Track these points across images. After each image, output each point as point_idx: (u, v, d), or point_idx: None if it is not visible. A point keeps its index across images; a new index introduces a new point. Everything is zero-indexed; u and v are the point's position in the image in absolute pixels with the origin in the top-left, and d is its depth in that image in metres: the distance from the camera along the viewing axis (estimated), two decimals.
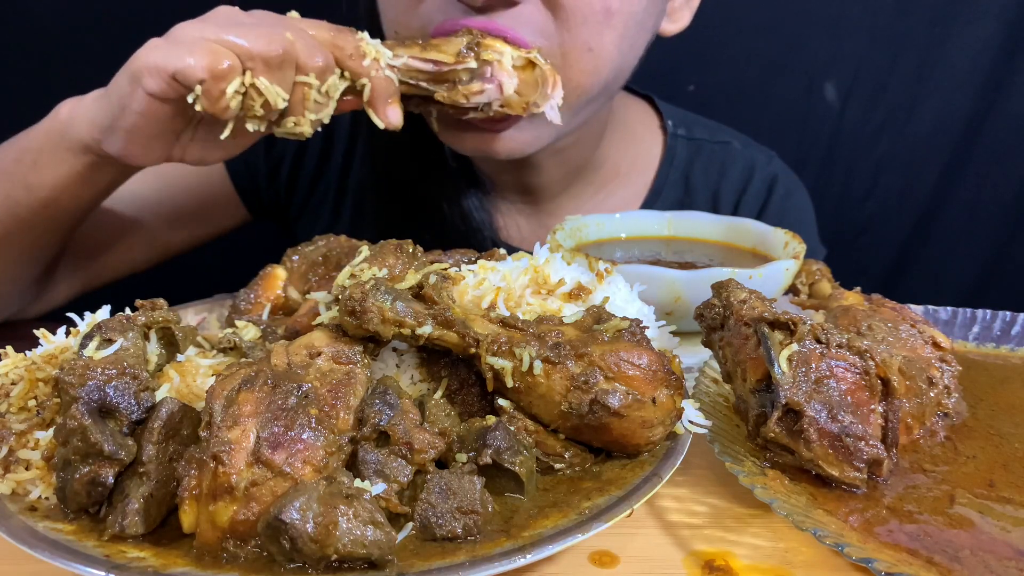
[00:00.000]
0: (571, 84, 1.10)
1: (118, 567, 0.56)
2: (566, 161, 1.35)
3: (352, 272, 0.74)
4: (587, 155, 1.39)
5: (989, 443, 0.78)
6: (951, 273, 2.06)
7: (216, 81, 0.86)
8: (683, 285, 0.97)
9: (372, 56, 0.94)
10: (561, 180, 1.39)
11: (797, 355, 0.70)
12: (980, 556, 0.61)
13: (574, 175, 1.40)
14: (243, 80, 0.87)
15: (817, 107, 1.96)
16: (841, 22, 1.90)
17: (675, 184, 1.48)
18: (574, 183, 1.42)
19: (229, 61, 0.86)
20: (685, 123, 1.53)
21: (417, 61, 0.99)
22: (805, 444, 0.68)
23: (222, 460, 0.58)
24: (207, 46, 0.86)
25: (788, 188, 1.54)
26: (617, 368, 0.68)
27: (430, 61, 1.00)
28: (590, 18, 1.07)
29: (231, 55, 0.87)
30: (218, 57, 0.86)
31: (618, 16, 1.09)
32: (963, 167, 1.98)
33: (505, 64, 1.02)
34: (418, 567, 0.57)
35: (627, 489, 0.66)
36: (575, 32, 1.07)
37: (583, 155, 1.38)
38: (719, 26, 1.80)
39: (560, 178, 1.39)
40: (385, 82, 0.95)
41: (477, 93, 1.02)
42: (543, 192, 1.40)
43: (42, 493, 0.66)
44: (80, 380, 0.63)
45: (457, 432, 0.67)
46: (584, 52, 1.09)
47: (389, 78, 0.96)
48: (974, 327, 1.03)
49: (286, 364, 0.66)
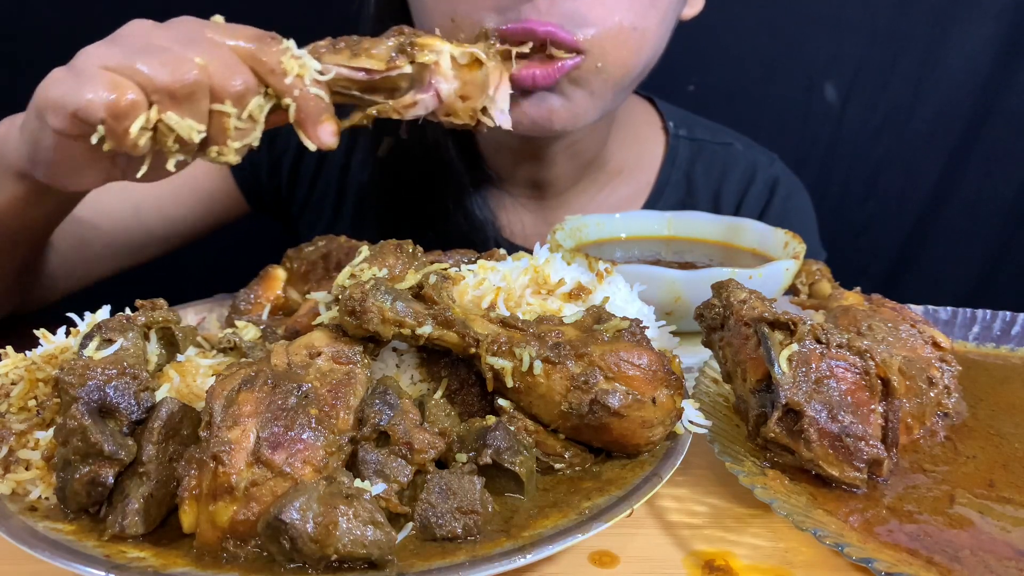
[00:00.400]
0: (618, 63, 1.11)
1: (118, 567, 0.56)
2: (578, 154, 1.36)
3: (352, 272, 0.74)
4: (596, 150, 1.40)
5: (989, 443, 0.78)
6: (951, 273, 2.06)
7: (118, 120, 0.77)
8: (683, 285, 0.97)
9: (295, 72, 0.83)
10: (570, 175, 1.40)
11: (797, 355, 0.70)
12: (980, 556, 0.61)
13: (582, 171, 1.41)
14: (149, 116, 0.78)
15: (817, 107, 1.96)
16: (841, 22, 1.90)
17: (677, 184, 1.49)
18: (581, 179, 1.43)
19: (132, 95, 0.77)
20: (687, 124, 1.54)
21: (346, 70, 0.87)
22: (805, 444, 0.68)
23: (222, 460, 0.58)
24: (108, 79, 0.77)
25: (790, 190, 1.55)
26: (617, 368, 0.68)
27: (360, 69, 0.87)
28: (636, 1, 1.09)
29: (134, 88, 0.77)
30: (120, 92, 0.77)
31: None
32: (963, 167, 1.98)
33: (443, 66, 0.89)
34: (418, 567, 0.57)
35: (627, 489, 0.66)
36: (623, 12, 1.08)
37: (593, 150, 1.39)
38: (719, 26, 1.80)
39: (570, 173, 1.40)
40: (312, 101, 0.84)
41: (410, 106, 0.89)
42: (551, 187, 1.41)
43: (42, 493, 0.66)
44: (80, 380, 0.63)
45: (457, 432, 0.67)
46: (631, 31, 1.10)
47: (317, 96, 0.84)
48: (974, 327, 1.03)
49: (286, 364, 0.66)
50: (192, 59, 0.79)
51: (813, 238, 1.55)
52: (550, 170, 1.37)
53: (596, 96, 1.14)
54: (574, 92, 1.12)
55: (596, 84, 1.12)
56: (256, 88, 0.83)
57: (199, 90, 0.79)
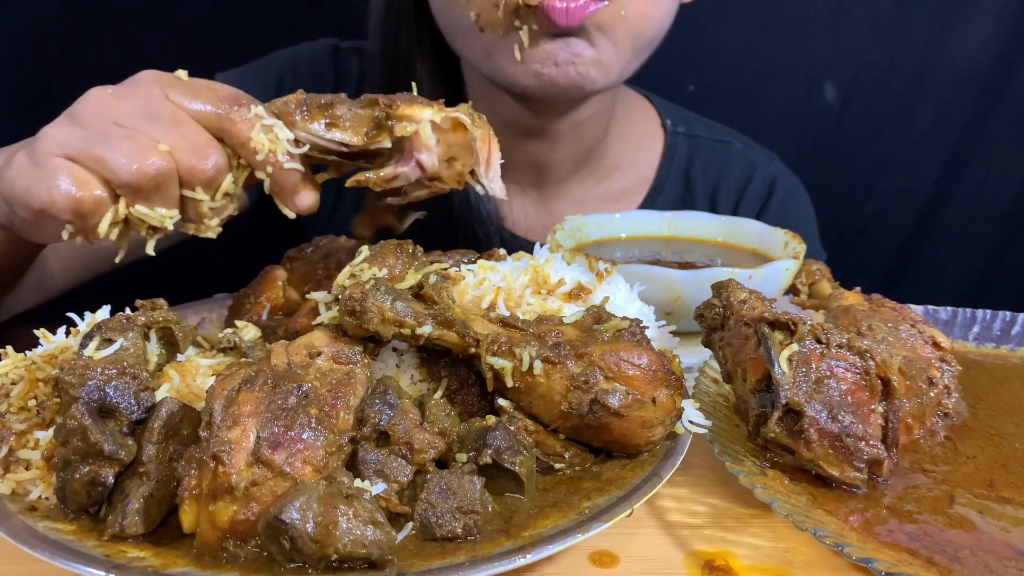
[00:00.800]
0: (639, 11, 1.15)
1: (118, 567, 0.56)
2: (580, 138, 1.37)
3: (352, 272, 0.74)
4: (597, 139, 1.41)
5: (989, 443, 0.78)
6: (951, 273, 2.06)
7: (84, 219, 0.75)
8: (683, 285, 0.97)
9: (267, 148, 0.79)
10: (571, 161, 1.41)
11: (797, 355, 0.70)
12: (980, 556, 0.61)
13: (582, 159, 1.42)
14: (117, 210, 0.76)
15: (817, 107, 1.96)
16: (841, 22, 1.90)
17: (676, 180, 1.50)
18: (579, 169, 1.43)
19: (98, 191, 0.74)
20: (685, 121, 1.54)
21: (322, 142, 0.83)
22: (806, 444, 0.68)
23: (222, 460, 0.58)
24: (70, 174, 0.74)
25: (789, 190, 1.55)
26: (617, 368, 0.68)
27: (336, 143, 0.83)
28: None
29: (98, 183, 0.75)
30: (85, 189, 0.74)
31: None
32: (963, 167, 1.98)
33: (424, 137, 0.83)
34: (418, 567, 0.57)
35: (627, 489, 0.66)
36: None
37: (595, 135, 1.40)
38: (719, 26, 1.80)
39: (570, 159, 1.40)
40: (287, 175, 0.81)
41: (391, 179, 0.84)
42: (552, 172, 1.42)
43: (42, 493, 0.66)
44: (80, 380, 0.63)
45: (457, 432, 0.67)
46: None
47: (291, 170, 0.81)
48: (974, 327, 1.03)
49: (286, 364, 0.66)
50: (155, 145, 0.75)
51: (813, 238, 1.55)
52: (553, 152, 1.38)
53: (619, 48, 1.17)
54: (599, 39, 1.14)
55: (620, 33, 1.15)
56: (227, 167, 0.80)
57: (167, 179, 0.76)
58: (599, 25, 1.13)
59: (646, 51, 1.24)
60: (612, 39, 1.15)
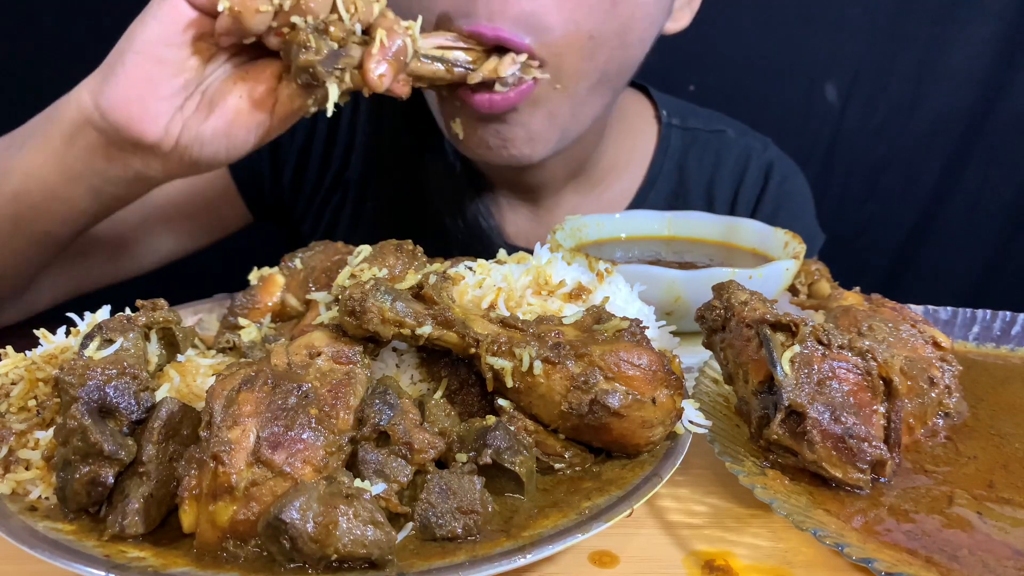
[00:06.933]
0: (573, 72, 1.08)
1: (118, 567, 0.56)
2: (570, 158, 1.34)
3: (352, 272, 0.74)
4: (589, 152, 1.39)
5: (990, 443, 0.78)
6: (951, 273, 2.06)
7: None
8: (683, 285, 0.97)
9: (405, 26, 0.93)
10: (562, 176, 1.39)
11: (799, 357, 0.70)
12: (979, 556, 0.61)
13: (575, 172, 1.41)
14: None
15: (817, 107, 1.96)
16: (841, 22, 1.91)
17: (669, 174, 1.48)
18: (573, 179, 1.42)
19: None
20: (680, 113, 1.52)
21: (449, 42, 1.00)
22: (808, 446, 0.68)
23: (222, 460, 0.58)
24: None
25: (784, 174, 1.54)
26: (617, 368, 0.68)
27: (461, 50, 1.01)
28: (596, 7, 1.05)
29: None
30: None
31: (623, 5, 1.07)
32: (963, 167, 1.99)
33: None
34: (418, 567, 0.57)
35: (627, 489, 0.66)
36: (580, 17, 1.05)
37: (585, 152, 1.38)
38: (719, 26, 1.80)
39: (561, 175, 1.39)
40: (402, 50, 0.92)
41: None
42: (543, 190, 1.40)
43: (42, 493, 0.66)
44: (80, 380, 0.63)
45: (457, 432, 0.67)
46: (587, 39, 1.07)
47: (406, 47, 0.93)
48: (974, 327, 1.03)
49: (286, 364, 0.66)
50: None
51: (811, 220, 1.55)
52: (541, 174, 1.36)
53: (555, 117, 1.12)
54: (533, 114, 1.10)
55: (555, 103, 1.10)
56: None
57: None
58: (533, 101, 1.08)
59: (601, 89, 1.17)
60: (547, 110, 1.11)
